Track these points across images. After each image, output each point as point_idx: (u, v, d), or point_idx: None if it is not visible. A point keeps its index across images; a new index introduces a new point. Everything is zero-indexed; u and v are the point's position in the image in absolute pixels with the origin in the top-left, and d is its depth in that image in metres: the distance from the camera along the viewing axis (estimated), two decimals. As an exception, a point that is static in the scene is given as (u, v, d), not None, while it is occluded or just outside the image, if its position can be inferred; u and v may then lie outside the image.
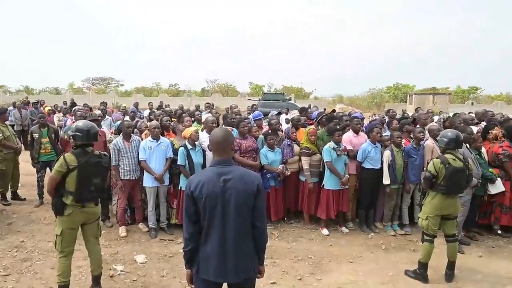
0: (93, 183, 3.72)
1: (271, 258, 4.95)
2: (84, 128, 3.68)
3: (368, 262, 4.94)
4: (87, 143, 3.73)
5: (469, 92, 40.15)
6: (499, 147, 5.56)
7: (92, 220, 3.88)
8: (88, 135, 3.68)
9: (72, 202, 3.65)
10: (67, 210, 3.66)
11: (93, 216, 3.88)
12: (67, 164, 3.57)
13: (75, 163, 3.59)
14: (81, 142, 3.68)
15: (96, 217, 3.94)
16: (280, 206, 6.04)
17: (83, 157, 3.65)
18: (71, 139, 3.78)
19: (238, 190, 2.45)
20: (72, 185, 3.61)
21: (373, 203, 5.95)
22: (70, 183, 3.61)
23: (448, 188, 4.21)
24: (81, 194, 3.66)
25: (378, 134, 5.78)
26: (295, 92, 40.24)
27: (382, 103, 35.76)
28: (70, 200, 3.64)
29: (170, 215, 5.85)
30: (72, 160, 3.59)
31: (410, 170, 5.72)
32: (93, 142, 3.78)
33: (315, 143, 5.90)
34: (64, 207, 3.65)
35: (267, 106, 17.33)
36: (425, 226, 4.37)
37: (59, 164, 3.60)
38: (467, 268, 4.76)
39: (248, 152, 5.80)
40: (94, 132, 3.75)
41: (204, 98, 35.00)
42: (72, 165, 3.58)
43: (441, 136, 4.43)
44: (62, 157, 3.65)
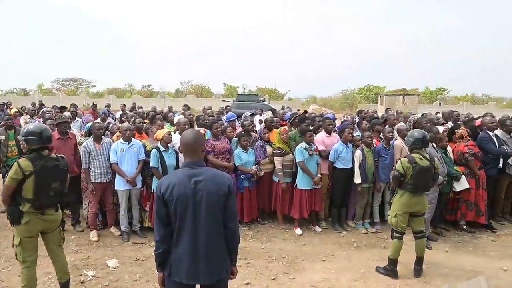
0: (52, 188, 3.55)
1: (245, 259, 4.97)
2: (37, 131, 3.51)
3: (341, 260, 5.04)
4: (42, 147, 3.56)
5: (436, 93, 41.51)
6: (464, 146, 5.77)
7: (52, 229, 3.71)
8: (41, 138, 3.51)
9: (30, 209, 3.47)
10: (24, 219, 3.48)
11: (54, 224, 3.70)
12: (23, 170, 3.38)
13: (31, 169, 3.40)
14: (36, 146, 3.51)
15: (57, 225, 3.76)
16: (254, 206, 6.07)
17: (39, 161, 3.47)
18: (24, 144, 3.60)
19: (209, 192, 2.45)
20: (30, 191, 3.43)
21: (345, 202, 6.07)
22: (27, 190, 3.43)
23: (415, 186, 4.35)
24: (40, 200, 3.49)
25: (350, 134, 5.91)
26: (270, 93, 40.46)
27: (355, 104, 36.51)
28: (28, 207, 3.46)
29: (143, 218, 5.77)
30: (28, 166, 3.41)
31: (380, 169, 5.88)
32: (47, 145, 3.62)
33: (287, 143, 5.97)
34: (21, 216, 3.47)
35: (242, 107, 17.36)
36: (394, 223, 4.50)
37: (13, 171, 3.40)
38: (434, 263, 4.92)
39: (222, 153, 5.80)
40: (47, 135, 3.58)
41: (178, 100, 34.73)
42: (28, 171, 3.39)
43: (408, 136, 4.58)
44: (16, 163, 3.44)
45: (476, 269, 4.78)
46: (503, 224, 6.43)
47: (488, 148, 6.02)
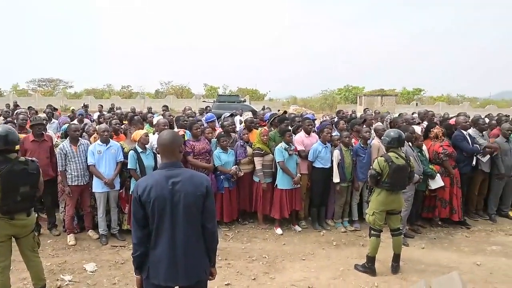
0: (20, 192, 3.45)
1: (225, 259, 4.97)
2: (2, 133, 3.42)
3: (320, 258, 5.09)
4: (8, 149, 3.46)
5: (413, 94, 42.41)
6: (439, 147, 5.92)
7: (25, 233, 3.61)
8: (6, 140, 3.42)
9: None
10: None
11: (26, 228, 3.61)
12: None
13: None
14: (1, 149, 3.41)
15: (30, 230, 3.66)
16: (234, 207, 6.07)
17: (4, 165, 3.38)
18: None
19: (187, 193, 2.44)
20: None
21: (324, 201, 6.13)
22: None
23: (392, 185, 4.43)
24: (8, 205, 3.39)
25: (328, 134, 5.97)
26: (250, 93, 40.49)
27: (334, 104, 36.95)
28: None
29: (122, 221, 5.70)
30: None
31: (358, 169, 5.97)
32: (12, 148, 3.52)
33: (267, 143, 6.00)
34: None
35: (222, 108, 17.29)
36: (372, 221, 4.58)
37: None
38: (411, 259, 5.03)
39: (201, 154, 5.78)
40: (12, 138, 3.49)
41: (158, 100, 34.36)
42: None
43: (384, 135, 4.67)
44: None
45: (451, 265, 4.91)
46: (477, 220, 6.62)
47: (462, 146, 6.20)
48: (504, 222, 6.61)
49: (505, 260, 5.11)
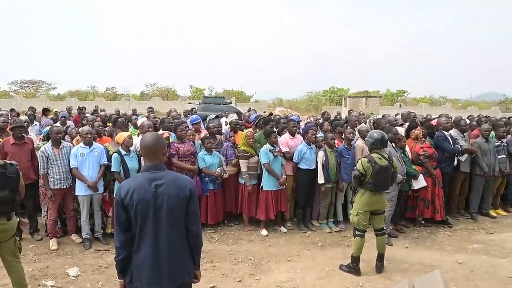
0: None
1: (211, 262, 4.96)
2: None
3: (306, 259, 5.11)
4: None
5: (397, 95, 43.04)
6: (420, 148, 6.01)
7: (6, 238, 3.54)
8: None
9: None
10: None
11: (6, 233, 3.53)
12: None
13: None
14: None
15: (11, 234, 3.59)
16: (219, 209, 6.06)
17: None
18: None
19: (171, 195, 2.42)
20: None
21: (310, 202, 6.17)
22: None
23: (375, 185, 4.48)
24: None
25: (313, 135, 6.01)
26: (236, 95, 40.48)
27: (320, 106, 37.22)
28: None
29: (106, 224, 5.63)
30: None
31: (342, 169, 6.02)
32: None
33: (253, 146, 6.01)
34: None
35: (208, 109, 17.26)
36: (356, 221, 4.62)
37: None
38: (395, 258, 5.09)
39: (186, 156, 5.77)
40: None
41: (143, 102, 34.06)
42: None
43: (368, 136, 4.73)
44: None
45: (433, 263, 4.98)
46: (459, 219, 6.75)
47: (444, 147, 6.31)
48: (485, 220, 6.76)
49: (486, 258, 5.21)
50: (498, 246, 5.62)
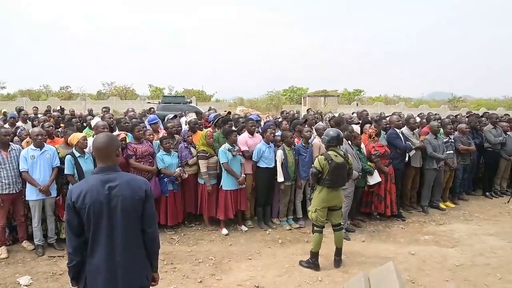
0: None
1: (171, 263, 4.89)
2: None
3: (266, 257, 5.16)
4: None
5: (354, 94, 44.36)
6: (372, 147, 6.23)
7: None
8: None
9: None
10: None
11: None
12: None
13: None
14: None
15: None
16: (179, 210, 5.99)
17: None
18: None
19: (125, 197, 2.37)
20: None
21: (269, 200, 6.24)
22: None
23: (332, 182, 4.60)
24: None
25: (272, 134, 6.07)
26: (196, 95, 40.09)
27: (280, 105, 37.61)
28: None
29: (60, 229, 5.40)
30: None
31: (301, 167, 6.12)
32: None
33: (212, 145, 5.98)
34: None
35: (167, 109, 16.98)
36: (314, 218, 4.72)
37: None
38: (352, 252, 5.26)
39: (144, 157, 5.65)
40: None
41: (100, 102, 32.92)
42: None
43: (324, 134, 4.85)
44: None
45: (388, 255, 5.17)
46: (411, 212, 7.07)
47: (396, 144, 6.59)
48: (435, 213, 7.12)
49: (436, 248, 5.50)
50: (447, 237, 5.94)
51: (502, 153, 8.07)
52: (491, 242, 5.71)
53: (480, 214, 7.11)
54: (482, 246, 5.57)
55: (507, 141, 8.05)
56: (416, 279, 4.55)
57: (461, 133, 7.59)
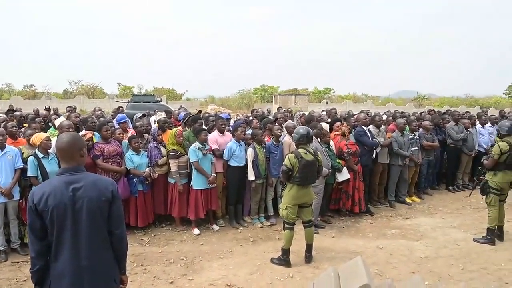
0: None
1: (141, 265, 4.82)
2: None
3: (238, 255, 5.17)
4: None
5: (324, 93, 45.01)
6: (344, 145, 6.36)
7: None
8: None
9: None
10: None
11: None
12: None
13: None
14: None
15: None
16: (149, 210, 5.89)
17: None
18: None
19: (90, 198, 2.30)
20: None
21: (241, 198, 6.25)
22: None
23: (302, 179, 4.65)
24: None
25: (242, 133, 6.08)
26: (167, 93, 39.51)
27: (251, 104, 37.66)
28: None
29: (23, 234, 5.19)
30: None
31: (271, 165, 6.16)
32: None
33: (182, 144, 5.92)
34: None
35: (137, 108, 16.64)
36: (285, 215, 4.77)
37: None
38: (322, 248, 5.35)
39: (112, 157, 5.52)
40: None
41: (66, 101, 31.86)
42: None
43: (294, 132, 4.90)
44: None
45: (357, 250, 5.30)
46: (379, 207, 7.27)
47: (363, 141, 6.75)
48: (401, 207, 7.35)
49: (403, 241, 5.67)
50: (413, 230, 6.14)
51: (464, 149, 8.44)
52: (454, 234, 5.95)
53: (444, 207, 7.40)
54: (445, 238, 5.80)
55: (468, 137, 8.42)
56: (384, 272, 4.68)
57: (425, 130, 7.86)
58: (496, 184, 5.52)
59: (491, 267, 4.85)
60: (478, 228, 6.08)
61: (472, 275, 4.64)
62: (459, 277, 4.55)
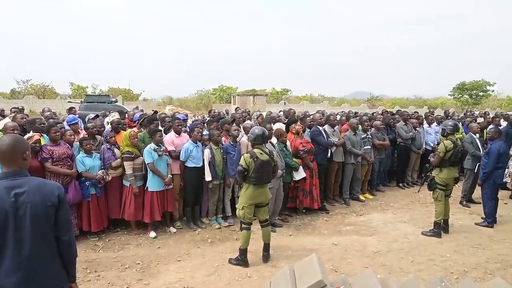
0: None
1: (95, 271, 4.66)
2: None
3: (196, 257, 5.12)
4: None
5: (281, 94, 45.60)
6: (300, 144, 6.48)
7: None
8: None
9: None
10: None
11: None
12: None
13: None
14: None
15: None
16: (103, 214, 5.70)
17: None
18: None
19: (35, 204, 2.18)
20: None
21: (198, 199, 6.19)
22: None
23: (258, 179, 4.69)
24: None
25: (199, 133, 6.03)
26: (123, 93, 38.36)
27: (210, 104, 37.43)
28: None
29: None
30: None
31: (229, 166, 6.16)
32: None
33: (136, 146, 5.78)
34: None
35: (91, 108, 16.02)
36: (242, 215, 4.79)
37: None
38: (280, 247, 5.42)
39: (62, 160, 5.28)
40: None
41: (14, 101, 30.07)
42: None
43: (250, 133, 4.93)
44: None
45: (314, 247, 5.42)
46: (334, 205, 7.48)
47: (319, 140, 6.92)
48: (355, 204, 7.60)
49: (356, 237, 5.87)
50: (366, 226, 6.38)
51: (412, 147, 8.87)
52: (404, 229, 6.24)
53: (395, 203, 7.74)
54: (396, 233, 6.07)
55: (416, 136, 8.86)
56: (338, 268, 4.82)
57: (377, 130, 8.18)
58: (442, 180, 5.84)
59: (437, 258, 5.14)
60: (426, 222, 6.42)
61: (421, 266, 4.89)
62: (408, 269, 4.78)
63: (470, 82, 43.10)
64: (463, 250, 5.41)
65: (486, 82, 42.80)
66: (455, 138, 5.96)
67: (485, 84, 42.83)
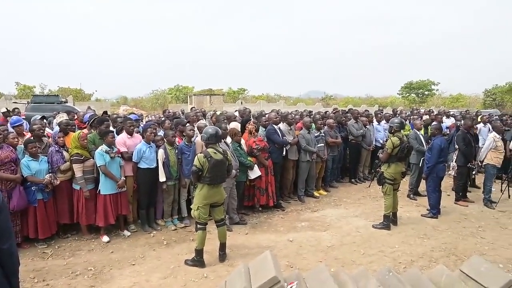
0: None
1: (43, 280, 4.45)
2: None
3: (151, 260, 5.03)
4: None
5: (238, 93, 45.69)
6: (253, 142, 6.54)
7: None
8: None
9: None
10: None
11: None
12: None
13: None
14: None
15: None
16: (51, 220, 5.44)
17: None
18: None
19: None
20: None
21: (153, 201, 6.08)
22: None
23: (212, 179, 4.68)
24: None
25: (152, 134, 5.93)
26: (74, 93, 36.74)
27: (166, 104, 36.77)
28: None
29: None
30: None
31: (184, 166, 6.10)
32: None
33: (86, 147, 5.58)
34: None
35: (39, 109, 15.22)
36: (197, 215, 4.76)
37: None
38: (236, 246, 5.44)
39: (5, 164, 5.01)
40: None
41: (-51, 103, 27.90)
42: None
43: (203, 132, 4.91)
44: None
45: (270, 245, 5.50)
46: (289, 202, 7.62)
47: (274, 139, 7.02)
48: (310, 201, 7.79)
49: (311, 233, 6.02)
50: (320, 222, 6.55)
51: (363, 144, 9.23)
52: (356, 223, 6.48)
53: (347, 199, 8.02)
54: (349, 227, 6.29)
55: (366, 134, 9.22)
56: (294, 263, 4.92)
57: (330, 128, 8.42)
58: (390, 175, 6.13)
59: (387, 249, 5.39)
60: (377, 216, 6.70)
61: (372, 258, 5.11)
62: (360, 262, 4.97)
63: (417, 81, 45.44)
64: (411, 241, 5.71)
65: (431, 82, 45.32)
66: (402, 135, 6.27)
67: (430, 84, 45.34)
